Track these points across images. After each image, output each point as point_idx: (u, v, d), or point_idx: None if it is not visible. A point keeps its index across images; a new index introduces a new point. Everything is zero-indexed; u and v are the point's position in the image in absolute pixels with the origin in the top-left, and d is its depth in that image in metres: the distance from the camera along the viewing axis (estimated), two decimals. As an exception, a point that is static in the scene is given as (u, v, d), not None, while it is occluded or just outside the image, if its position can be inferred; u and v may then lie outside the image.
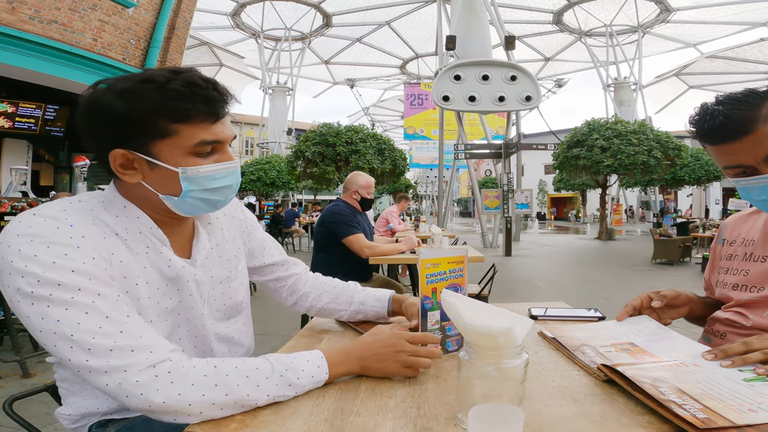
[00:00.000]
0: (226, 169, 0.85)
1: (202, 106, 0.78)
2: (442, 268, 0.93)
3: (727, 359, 0.80)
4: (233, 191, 0.89)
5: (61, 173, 10.17)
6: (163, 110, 0.76)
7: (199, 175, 0.82)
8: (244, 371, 0.72)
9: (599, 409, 0.70)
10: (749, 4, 23.06)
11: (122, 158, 0.80)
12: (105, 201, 0.83)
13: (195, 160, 0.81)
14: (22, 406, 0.94)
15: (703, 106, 0.98)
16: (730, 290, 1.10)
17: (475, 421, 0.53)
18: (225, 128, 0.84)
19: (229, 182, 0.86)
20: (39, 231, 0.71)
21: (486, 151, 13.64)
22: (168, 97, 0.76)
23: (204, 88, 0.79)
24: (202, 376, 0.69)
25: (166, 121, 0.77)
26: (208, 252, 0.95)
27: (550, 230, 25.01)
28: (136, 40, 7.55)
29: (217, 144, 0.83)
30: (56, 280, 0.68)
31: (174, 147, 0.79)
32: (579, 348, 0.95)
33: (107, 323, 0.68)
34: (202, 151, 0.81)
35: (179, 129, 0.78)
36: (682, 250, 9.40)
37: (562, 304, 1.43)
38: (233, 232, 1.04)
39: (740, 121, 0.90)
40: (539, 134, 25.96)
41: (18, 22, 6.00)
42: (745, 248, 1.11)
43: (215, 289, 0.96)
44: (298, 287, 1.19)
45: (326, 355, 0.80)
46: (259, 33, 28.70)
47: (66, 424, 0.88)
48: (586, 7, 26.02)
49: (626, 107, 26.33)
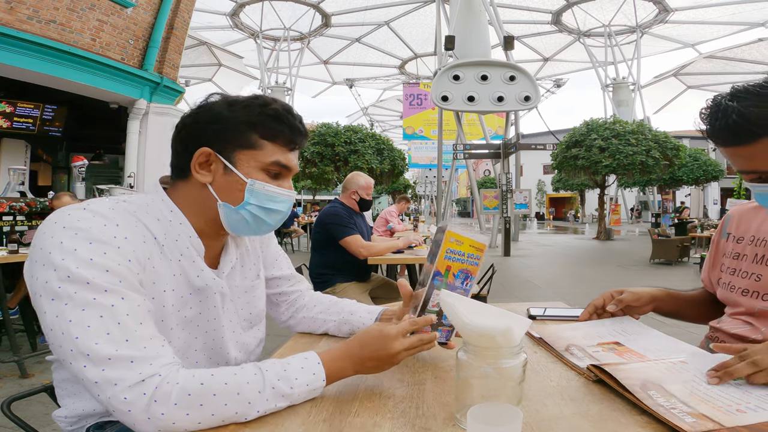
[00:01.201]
0: (286, 196, 0.90)
1: (288, 131, 0.87)
2: (463, 249, 0.90)
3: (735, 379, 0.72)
4: (281, 219, 0.92)
5: (59, 173, 10.15)
6: (259, 124, 0.85)
7: (264, 191, 0.87)
8: (234, 387, 0.69)
9: (597, 408, 0.70)
10: (747, 4, 23.10)
11: (205, 157, 0.85)
12: (149, 204, 0.85)
13: (264, 177, 0.87)
14: (20, 407, 0.93)
15: (716, 100, 0.85)
16: (738, 295, 1.00)
17: (473, 421, 0.53)
18: (295, 159, 0.91)
19: (282, 208, 0.90)
20: (86, 225, 0.72)
21: (485, 151, 13.63)
22: (267, 114, 0.85)
23: (294, 118, 0.88)
24: (186, 395, 0.66)
25: (256, 135, 0.85)
26: (234, 263, 0.97)
27: (549, 230, 25.02)
28: (135, 40, 7.54)
29: (285, 170, 0.89)
30: (86, 278, 0.68)
31: (253, 159, 0.85)
32: (567, 348, 0.95)
33: (117, 329, 0.68)
34: (274, 170, 0.87)
35: (264, 145, 0.86)
36: (680, 250, 9.41)
37: (561, 304, 1.43)
38: (255, 242, 1.06)
39: (757, 122, 0.78)
40: (538, 134, 26.00)
41: (16, 21, 5.99)
42: (756, 248, 0.99)
43: (240, 299, 0.98)
44: (297, 303, 1.18)
45: (324, 360, 0.76)
46: (257, 33, 28.67)
47: (63, 426, 0.87)
48: (584, 7, 26.04)
49: (625, 107, 26.36)
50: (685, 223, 13.35)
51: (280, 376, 0.72)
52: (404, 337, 0.80)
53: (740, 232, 1.05)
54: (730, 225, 1.10)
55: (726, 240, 1.09)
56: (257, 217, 0.88)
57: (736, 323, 0.98)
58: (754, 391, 0.69)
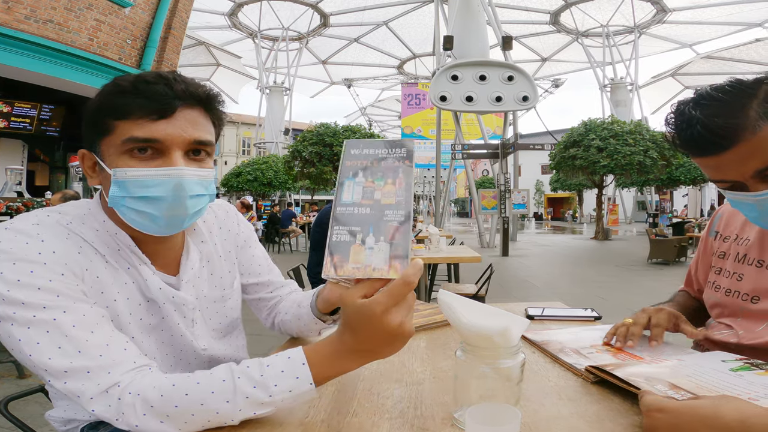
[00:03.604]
0: (161, 177, 0.73)
1: (142, 101, 0.72)
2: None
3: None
4: (172, 207, 0.75)
5: (57, 173, 10.12)
6: (107, 105, 0.73)
7: (126, 178, 0.73)
8: (196, 398, 0.63)
9: (595, 408, 0.71)
10: (745, 4, 23.18)
11: (87, 159, 0.78)
12: (87, 214, 0.79)
13: (129, 161, 0.73)
14: (18, 407, 0.93)
15: (680, 108, 0.80)
16: (722, 295, 0.97)
17: (472, 422, 0.53)
18: (173, 128, 0.74)
19: (161, 193, 0.73)
20: (6, 247, 0.68)
21: (483, 151, 13.64)
22: (113, 93, 0.74)
23: (152, 84, 0.73)
24: (149, 407, 0.63)
25: (109, 118, 0.73)
26: (198, 270, 0.89)
27: (547, 230, 25.05)
28: (133, 39, 7.52)
29: (154, 143, 0.73)
30: (20, 299, 0.65)
31: (111, 145, 0.74)
32: (561, 350, 0.95)
33: (67, 342, 0.65)
34: (132, 147, 0.72)
35: (116, 125, 0.73)
36: (677, 249, 9.43)
37: (559, 304, 1.43)
38: (228, 247, 0.98)
39: (721, 133, 0.74)
40: (536, 134, 25.98)
41: (14, 21, 5.97)
42: (739, 247, 0.98)
43: (209, 309, 0.91)
44: (276, 308, 1.07)
45: (311, 360, 0.64)
46: (256, 33, 28.65)
47: (57, 427, 0.87)
48: (582, 7, 26.09)
49: (622, 107, 26.44)
50: (683, 223, 13.39)
51: (257, 382, 0.64)
52: (391, 299, 0.57)
53: (727, 231, 1.03)
54: (718, 223, 1.08)
55: (714, 238, 1.07)
56: (141, 212, 0.74)
57: (720, 328, 0.96)
58: (757, 380, 0.69)
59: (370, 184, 0.61)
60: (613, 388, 0.76)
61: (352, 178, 0.62)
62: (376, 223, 0.58)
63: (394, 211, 0.58)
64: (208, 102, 0.79)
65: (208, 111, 0.79)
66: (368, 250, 0.57)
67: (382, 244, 0.57)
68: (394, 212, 0.58)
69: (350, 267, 0.57)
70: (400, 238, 0.57)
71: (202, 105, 0.78)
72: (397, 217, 0.58)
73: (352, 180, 0.61)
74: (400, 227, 0.58)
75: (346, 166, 0.63)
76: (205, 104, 0.79)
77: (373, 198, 0.60)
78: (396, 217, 0.58)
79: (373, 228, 0.58)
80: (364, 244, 0.58)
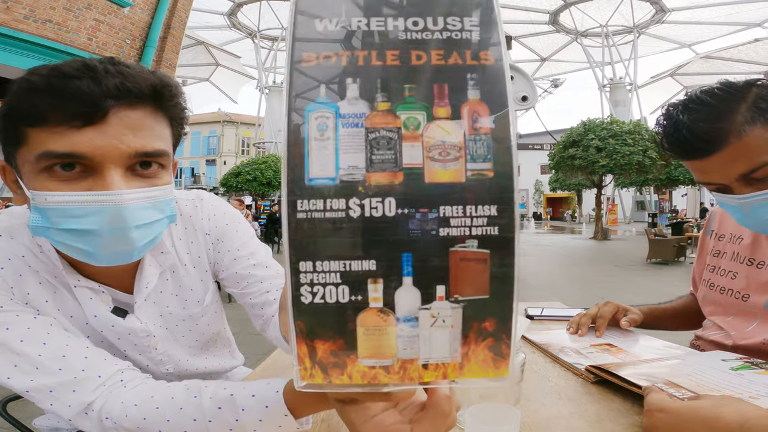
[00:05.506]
0: (91, 204, 0.55)
1: (57, 101, 0.52)
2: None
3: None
4: (111, 243, 0.57)
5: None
6: (17, 108, 0.55)
7: (47, 204, 0.55)
8: (153, 422, 0.56)
9: (595, 408, 0.71)
10: (744, 4, 23.23)
11: (8, 173, 0.62)
12: (20, 225, 0.65)
13: (49, 183, 0.55)
14: (16, 407, 0.93)
15: (669, 112, 0.81)
16: (717, 293, 0.99)
17: (472, 421, 0.53)
18: (105, 138, 0.54)
19: (93, 225, 0.56)
20: None
21: (482, 151, 13.64)
22: (23, 91, 0.55)
23: (72, 78, 0.53)
24: (112, 423, 0.57)
25: (21, 124, 0.55)
26: (160, 284, 0.75)
27: (546, 230, 25.06)
28: (132, 39, 7.52)
29: (81, 159, 0.54)
30: None
31: (26, 161, 0.56)
32: (562, 350, 0.96)
33: (20, 360, 0.58)
34: (51, 164, 0.54)
35: (30, 134, 0.55)
36: (676, 249, 9.44)
37: (559, 304, 1.43)
38: (198, 252, 0.79)
39: (706, 137, 0.74)
40: (535, 134, 26.07)
41: (12, 21, 5.97)
42: (733, 246, 0.99)
43: (179, 327, 0.79)
44: (273, 321, 0.78)
45: (288, 390, 0.52)
46: (255, 33, 28.66)
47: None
48: (582, 7, 26.13)
49: (621, 107, 26.51)
50: (682, 223, 13.41)
51: (223, 403, 0.55)
52: None
53: (722, 229, 1.04)
54: (714, 222, 1.08)
55: (710, 237, 1.08)
56: (71, 247, 0.58)
57: (713, 329, 0.98)
58: (758, 378, 0.69)
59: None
60: (614, 388, 0.76)
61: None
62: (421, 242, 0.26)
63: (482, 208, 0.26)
64: (158, 96, 0.59)
65: (159, 108, 0.60)
66: (406, 324, 0.27)
67: (444, 306, 0.26)
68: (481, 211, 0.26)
69: (363, 364, 0.28)
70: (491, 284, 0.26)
71: (149, 102, 0.58)
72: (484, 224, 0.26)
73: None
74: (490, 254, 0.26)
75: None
76: (155, 99, 0.59)
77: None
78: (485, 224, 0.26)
79: (413, 257, 0.26)
80: (395, 314, 0.26)
